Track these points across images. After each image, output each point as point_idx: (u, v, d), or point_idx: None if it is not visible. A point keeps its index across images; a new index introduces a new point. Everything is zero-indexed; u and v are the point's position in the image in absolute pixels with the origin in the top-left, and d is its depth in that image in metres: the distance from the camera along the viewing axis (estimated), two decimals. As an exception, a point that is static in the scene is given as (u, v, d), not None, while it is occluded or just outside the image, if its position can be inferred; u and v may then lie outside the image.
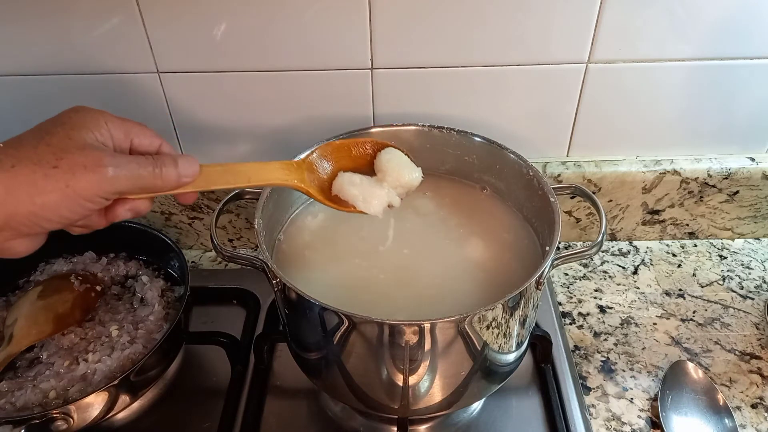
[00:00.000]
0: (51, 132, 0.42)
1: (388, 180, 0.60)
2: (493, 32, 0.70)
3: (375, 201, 0.59)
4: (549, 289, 0.81)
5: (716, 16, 0.69)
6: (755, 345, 0.74)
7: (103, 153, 0.43)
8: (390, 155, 0.61)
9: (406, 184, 0.61)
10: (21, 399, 0.61)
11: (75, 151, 0.42)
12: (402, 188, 0.61)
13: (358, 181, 0.59)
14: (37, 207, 0.41)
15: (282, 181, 0.55)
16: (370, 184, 0.60)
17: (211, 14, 0.69)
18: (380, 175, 0.61)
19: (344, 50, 0.72)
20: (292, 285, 0.53)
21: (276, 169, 0.55)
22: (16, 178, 0.40)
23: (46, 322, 0.67)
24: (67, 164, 0.41)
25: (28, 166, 0.40)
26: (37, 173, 0.40)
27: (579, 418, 0.66)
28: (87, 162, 0.41)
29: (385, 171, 0.60)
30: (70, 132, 0.43)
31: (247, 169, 0.53)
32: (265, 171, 0.55)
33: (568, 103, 0.77)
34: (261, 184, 0.54)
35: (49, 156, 0.41)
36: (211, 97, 0.76)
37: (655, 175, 0.81)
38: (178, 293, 0.74)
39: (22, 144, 0.42)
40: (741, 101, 0.77)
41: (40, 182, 0.40)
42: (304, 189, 0.56)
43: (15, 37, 0.71)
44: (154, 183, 0.46)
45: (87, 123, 0.44)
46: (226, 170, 0.52)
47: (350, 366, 0.57)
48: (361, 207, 0.58)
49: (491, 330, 0.54)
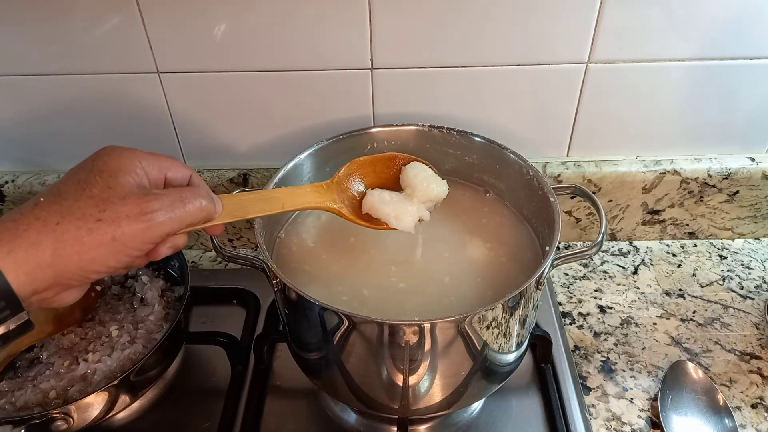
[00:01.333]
0: (90, 182, 0.42)
1: (418, 195, 0.61)
2: (493, 32, 0.70)
3: (408, 218, 0.59)
4: (549, 289, 0.81)
5: (716, 16, 0.69)
6: (755, 345, 0.74)
7: (145, 198, 0.42)
8: (416, 170, 0.62)
9: (435, 197, 0.61)
10: (21, 399, 0.61)
11: (117, 201, 0.41)
12: (431, 202, 0.62)
13: (388, 199, 0.59)
14: (85, 263, 0.41)
15: (315, 204, 0.56)
16: (401, 200, 0.60)
17: (211, 14, 0.69)
18: (408, 190, 0.61)
19: (344, 50, 0.72)
20: (292, 285, 0.53)
21: (308, 192, 0.56)
22: (63, 236, 0.40)
23: (46, 322, 0.67)
24: (111, 216, 0.41)
25: (73, 221, 0.40)
26: (81, 229, 0.40)
27: (579, 418, 0.66)
28: (130, 212, 0.41)
29: (414, 186, 0.61)
30: (108, 180, 0.42)
31: (280, 195, 0.54)
32: (297, 196, 0.56)
33: (568, 103, 0.77)
34: (295, 208, 0.56)
35: (92, 209, 0.41)
36: (211, 97, 0.76)
37: (655, 175, 0.81)
38: (178, 293, 0.74)
39: (64, 198, 0.41)
40: (741, 101, 0.77)
41: (86, 238, 0.40)
42: (336, 210, 0.57)
43: (15, 37, 0.72)
44: (198, 218, 0.46)
45: (123, 166, 0.43)
46: (260, 198, 0.53)
47: (350, 366, 0.57)
48: (394, 224, 0.59)
49: (491, 330, 0.54)
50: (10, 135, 0.81)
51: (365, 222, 0.59)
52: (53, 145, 0.82)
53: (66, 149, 0.82)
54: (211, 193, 0.48)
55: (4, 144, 0.83)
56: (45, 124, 0.80)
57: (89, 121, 0.79)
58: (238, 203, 0.50)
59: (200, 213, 0.46)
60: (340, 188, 0.59)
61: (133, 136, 0.80)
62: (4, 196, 0.84)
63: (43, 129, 0.80)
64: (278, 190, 0.55)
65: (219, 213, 0.48)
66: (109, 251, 0.41)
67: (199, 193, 0.46)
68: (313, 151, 0.67)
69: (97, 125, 0.79)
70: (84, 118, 0.79)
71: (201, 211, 0.46)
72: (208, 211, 0.47)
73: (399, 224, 0.59)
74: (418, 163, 0.63)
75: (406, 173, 0.62)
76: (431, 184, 0.61)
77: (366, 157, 0.62)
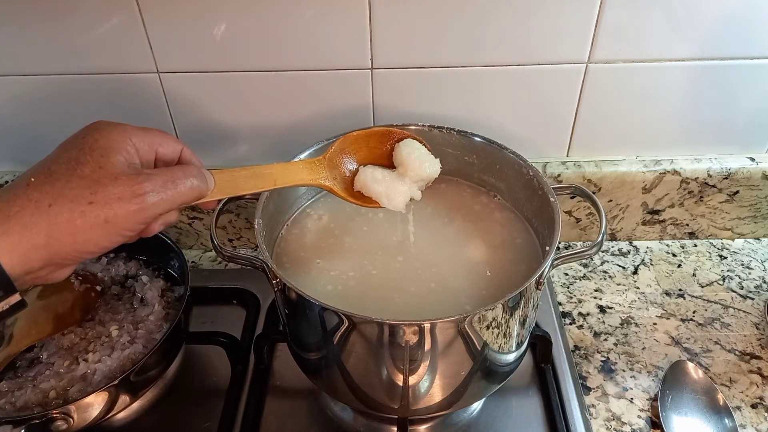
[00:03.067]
0: (81, 161, 0.42)
1: (410, 174, 0.60)
2: (493, 32, 0.70)
3: (399, 197, 0.59)
4: (549, 289, 0.81)
5: (716, 16, 0.69)
6: (755, 345, 0.74)
7: (136, 179, 0.42)
8: (410, 148, 0.61)
9: (426, 177, 0.61)
10: (21, 399, 0.61)
11: (108, 182, 0.41)
12: (423, 181, 0.61)
13: (380, 177, 0.59)
14: (79, 244, 0.41)
15: (308, 181, 0.55)
16: (393, 179, 0.59)
17: (211, 14, 0.69)
18: (401, 169, 0.60)
19: (344, 50, 0.72)
20: (292, 285, 0.53)
21: (301, 169, 0.56)
22: (56, 219, 0.40)
23: (46, 322, 0.67)
24: (103, 198, 0.41)
25: (65, 204, 0.40)
26: (74, 212, 0.40)
27: (579, 418, 0.66)
28: (122, 193, 0.41)
29: (407, 165, 0.60)
30: (99, 160, 0.42)
31: (272, 172, 0.53)
32: (290, 172, 0.55)
33: (568, 103, 0.77)
34: (288, 185, 0.55)
35: (84, 191, 0.40)
36: (211, 97, 0.76)
37: (655, 175, 0.81)
38: (178, 293, 0.74)
39: (56, 178, 0.41)
40: (741, 101, 0.77)
41: (79, 221, 0.40)
42: (328, 187, 0.57)
43: (15, 37, 0.72)
44: (190, 198, 0.46)
45: (114, 144, 0.43)
46: (253, 174, 0.52)
47: (350, 366, 0.57)
48: (385, 204, 0.58)
49: (491, 330, 0.54)
50: (10, 135, 0.81)
51: (357, 200, 0.59)
52: (53, 145, 0.81)
53: (66, 149, 0.82)
54: (204, 171, 0.48)
55: (4, 144, 0.83)
56: (45, 124, 0.80)
57: (89, 121, 0.78)
58: (230, 180, 0.50)
59: (192, 193, 0.46)
60: (332, 164, 0.58)
61: (133, 136, 0.80)
62: (4, 196, 0.84)
63: (43, 129, 0.80)
64: (271, 166, 0.53)
65: (211, 190, 0.48)
66: (102, 232, 0.41)
67: (190, 172, 0.46)
68: (312, 151, 0.67)
69: (97, 125, 0.79)
70: (84, 118, 0.77)
71: (192, 191, 0.46)
72: (200, 190, 0.47)
73: (390, 204, 0.58)
74: (412, 141, 0.61)
75: (399, 151, 0.61)
76: (424, 163, 0.60)
77: (360, 132, 0.61)
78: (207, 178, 0.48)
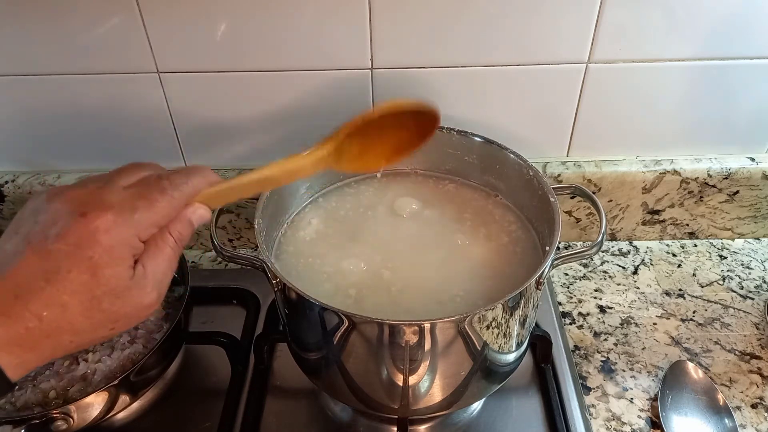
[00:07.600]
0: (97, 297, 0.39)
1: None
2: (493, 32, 0.70)
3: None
4: (549, 289, 0.81)
5: (716, 16, 0.69)
6: (755, 345, 0.74)
7: (142, 293, 0.41)
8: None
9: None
10: (21, 399, 0.61)
11: (123, 307, 0.41)
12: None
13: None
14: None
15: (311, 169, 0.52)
16: None
17: (211, 14, 0.69)
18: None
19: (344, 50, 0.72)
20: (292, 285, 0.53)
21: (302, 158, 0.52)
22: (71, 347, 0.40)
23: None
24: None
25: (86, 338, 0.41)
26: (95, 340, 0.41)
27: (579, 418, 0.66)
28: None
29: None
30: (109, 281, 0.39)
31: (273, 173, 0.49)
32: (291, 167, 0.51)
33: (568, 103, 0.77)
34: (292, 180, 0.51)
35: (104, 330, 0.41)
36: (211, 97, 0.76)
37: (655, 175, 0.81)
38: (178, 293, 0.74)
39: (79, 328, 0.40)
40: (741, 101, 0.77)
41: (96, 339, 0.41)
42: (330, 164, 0.53)
43: (15, 37, 0.72)
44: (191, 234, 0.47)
45: (116, 255, 0.39)
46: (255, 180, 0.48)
47: (350, 366, 0.57)
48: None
49: (491, 330, 0.54)
50: (10, 135, 0.81)
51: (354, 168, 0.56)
52: (53, 145, 0.82)
53: (66, 149, 0.82)
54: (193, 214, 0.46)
55: (4, 144, 0.82)
56: (45, 124, 0.80)
57: (89, 121, 0.79)
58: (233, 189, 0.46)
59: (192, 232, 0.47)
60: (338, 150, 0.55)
61: (132, 137, 0.80)
62: (4, 196, 0.84)
63: (43, 129, 0.80)
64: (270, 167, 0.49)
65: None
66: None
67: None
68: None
69: (97, 125, 0.79)
70: (84, 118, 0.79)
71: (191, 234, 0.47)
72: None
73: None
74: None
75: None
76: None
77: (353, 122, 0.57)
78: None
